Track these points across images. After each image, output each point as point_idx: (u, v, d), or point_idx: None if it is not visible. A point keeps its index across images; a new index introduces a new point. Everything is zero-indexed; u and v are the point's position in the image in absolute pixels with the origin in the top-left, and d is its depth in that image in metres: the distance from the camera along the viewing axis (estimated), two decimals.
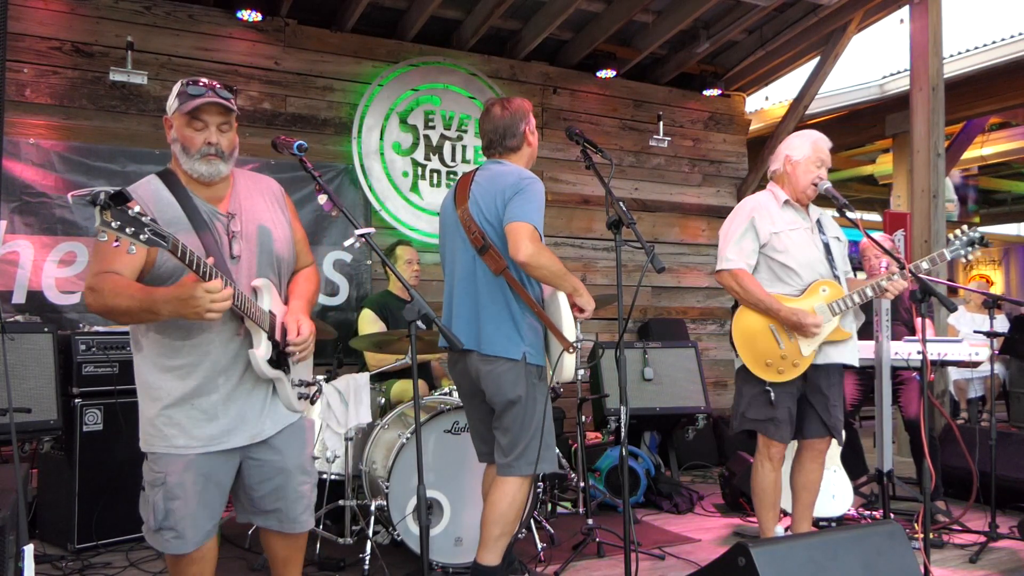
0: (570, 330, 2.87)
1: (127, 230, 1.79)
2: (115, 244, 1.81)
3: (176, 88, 2.26)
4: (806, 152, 3.34)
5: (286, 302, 2.42)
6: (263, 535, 2.51)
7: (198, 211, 2.23)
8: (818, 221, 3.41)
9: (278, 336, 2.30)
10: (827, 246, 3.36)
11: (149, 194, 2.22)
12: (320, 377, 3.80)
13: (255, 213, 2.35)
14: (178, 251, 1.94)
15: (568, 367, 2.89)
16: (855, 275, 3.61)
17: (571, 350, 2.85)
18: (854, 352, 3.38)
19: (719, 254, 3.38)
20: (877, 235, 4.71)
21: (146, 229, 1.83)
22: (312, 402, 2.51)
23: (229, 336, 2.25)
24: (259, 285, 2.29)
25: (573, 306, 2.92)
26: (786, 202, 3.36)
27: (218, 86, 2.24)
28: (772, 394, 3.23)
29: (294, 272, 2.51)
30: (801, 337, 3.23)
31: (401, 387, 4.21)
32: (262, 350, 2.23)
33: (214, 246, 2.19)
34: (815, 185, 3.31)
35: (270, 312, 2.28)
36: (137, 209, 1.82)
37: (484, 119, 3.06)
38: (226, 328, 2.23)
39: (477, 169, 3.06)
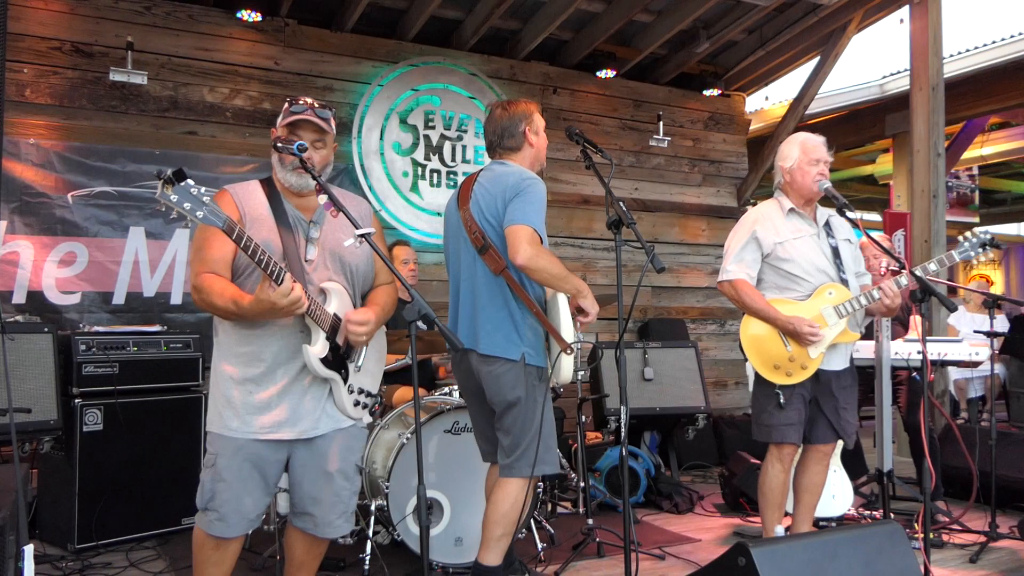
0: (568, 332, 2.86)
1: (185, 205, 1.93)
2: (172, 217, 1.95)
3: (284, 106, 2.47)
4: (796, 156, 3.37)
5: None
6: (289, 533, 2.55)
7: (285, 214, 2.41)
8: (828, 223, 3.41)
9: (340, 340, 2.39)
10: (835, 249, 3.36)
11: (246, 193, 2.43)
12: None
13: (338, 225, 2.49)
14: (234, 234, 2.06)
15: (566, 369, 2.88)
16: None
17: (569, 351, 2.84)
18: (844, 358, 3.38)
19: (722, 265, 3.43)
20: (875, 235, 4.71)
21: (203, 207, 1.96)
22: (372, 414, 2.58)
23: (293, 331, 2.36)
24: (329, 288, 2.41)
25: (578, 309, 2.91)
26: (791, 210, 3.38)
27: (317, 105, 2.44)
28: (782, 397, 3.25)
29: (372, 288, 2.62)
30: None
31: (400, 394, 4.21)
32: (317, 348, 2.34)
33: (292, 246, 2.36)
34: (818, 187, 3.32)
35: (335, 315, 2.38)
36: (203, 190, 1.96)
37: (486, 121, 3.09)
38: (292, 323, 2.35)
39: (481, 170, 3.07)
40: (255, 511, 2.38)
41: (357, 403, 2.49)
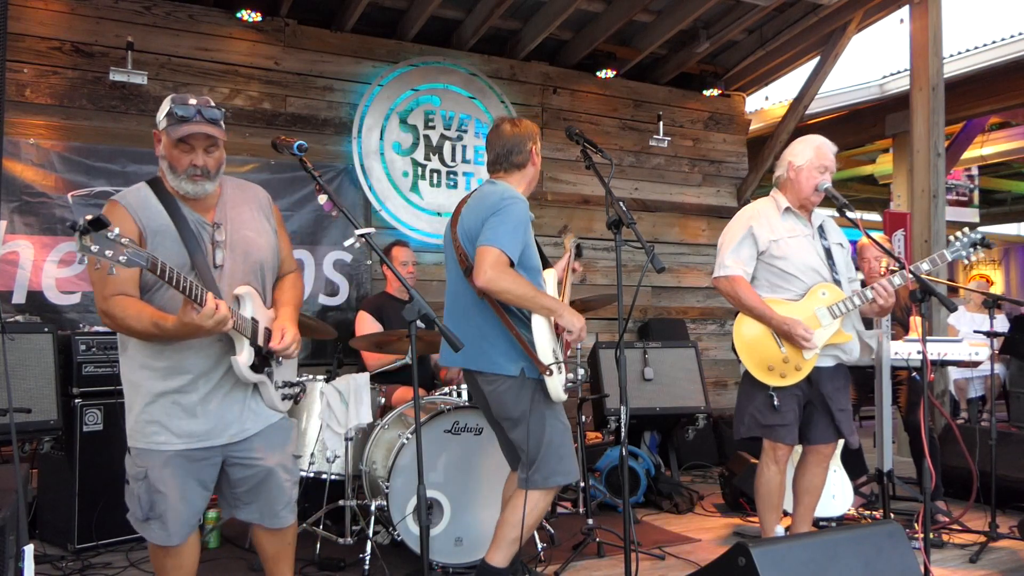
0: (545, 352, 2.81)
1: (107, 253, 1.87)
2: (96, 267, 1.89)
3: (166, 105, 2.28)
4: (808, 157, 3.34)
5: (271, 307, 2.50)
6: (253, 532, 2.55)
7: (186, 220, 2.30)
8: (820, 227, 3.41)
9: (261, 341, 2.36)
10: (828, 251, 3.36)
11: (139, 201, 2.29)
12: (321, 377, 3.81)
13: (240, 222, 2.41)
14: (157, 269, 2.01)
15: (553, 389, 2.84)
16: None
17: (547, 373, 2.80)
18: (852, 354, 3.37)
19: (717, 261, 3.41)
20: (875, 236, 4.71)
21: (125, 251, 1.90)
22: (296, 402, 2.59)
23: (209, 342, 2.31)
24: (241, 293, 2.34)
25: (561, 329, 2.87)
26: (787, 209, 3.37)
27: (206, 106, 2.27)
28: (776, 399, 3.24)
29: (279, 278, 2.58)
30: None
31: (400, 395, 4.21)
32: (244, 356, 2.31)
33: (199, 255, 2.27)
34: (817, 190, 3.31)
35: (252, 319, 2.34)
36: (116, 232, 1.89)
37: (493, 134, 3.07)
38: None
39: (475, 190, 3.08)
40: (194, 518, 2.38)
41: (284, 396, 2.50)
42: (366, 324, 4.44)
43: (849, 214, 3.25)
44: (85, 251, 1.84)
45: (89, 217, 1.83)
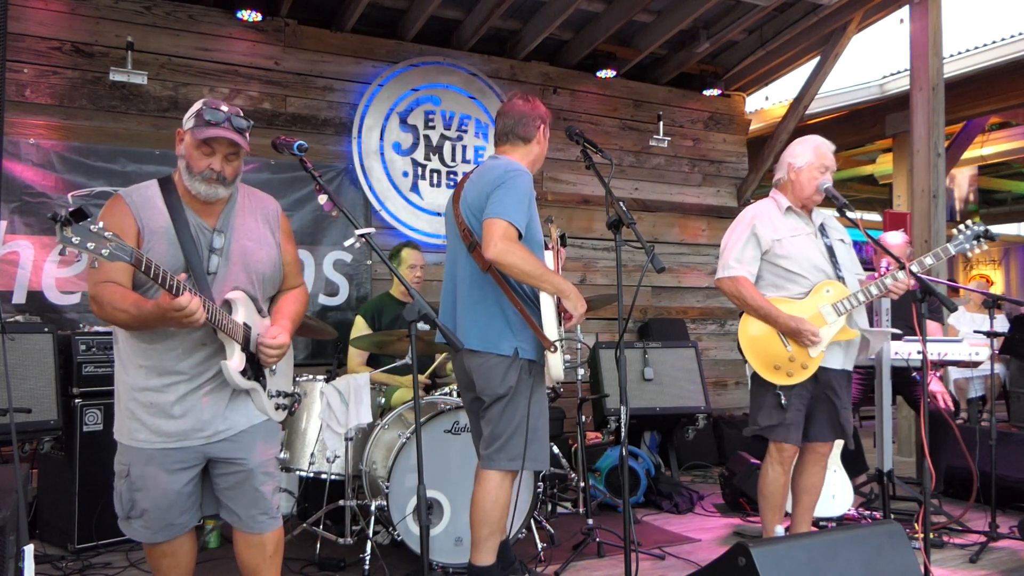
0: (551, 329, 2.81)
1: (88, 245, 1.85)
2: (77, 259, 1.86)
3: (197, 106, 2.30)
4: (809, 158, 3.35)
5: (269, 318, 2.49)
6: (234, 542, 2.50)
7: (186, 224, 2.29)
8: (821, 225, 3.42)
9: (254, 348, 2.35)
10: (830, 248, 3.36)
11: (143, 200, 2.30)
12: (321, 377, 3.81)
13: (243, 232, 2.40)
14: (142, 265, 2.00)
15: (555, 367, 2.85)
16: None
17: (552, 349, 2.80)
18: (844, 357, 3.37)
19: (721, 262, 3.41)
20: (895, 234, 4.70)
21: (108, 244, 1.89)
22: (291, 412, 2.56)
23: (194, 345, 2.30)
24: (232, 298, 2.33)
25: (565, 311, 2.87)
26: (788, 209, 3.37)
27: (236, 115, 2.29)
28: (782, 398, 3.24)
29: (281, 292, 2.57)
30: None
31: (400, 395, 4.20)
32: (235, 361, 2.29)
33: (195, 259, 2.27)
34: (819, 190, 3.32)
35: (244, 324, 2.33)
36: (101, 225, 1.88)
37: (506, 107, 3.06)
38: (191, 337, 2.28)
39: (477, 167, 3.07)
40: (181, 516, 2.37)
41: (278, 406, 2.48)
42: (359, 331, 4.39)
43: (849, 214, 3.26)
44: (66, 242, 1.82)
45: (72, 208, 1.82)
